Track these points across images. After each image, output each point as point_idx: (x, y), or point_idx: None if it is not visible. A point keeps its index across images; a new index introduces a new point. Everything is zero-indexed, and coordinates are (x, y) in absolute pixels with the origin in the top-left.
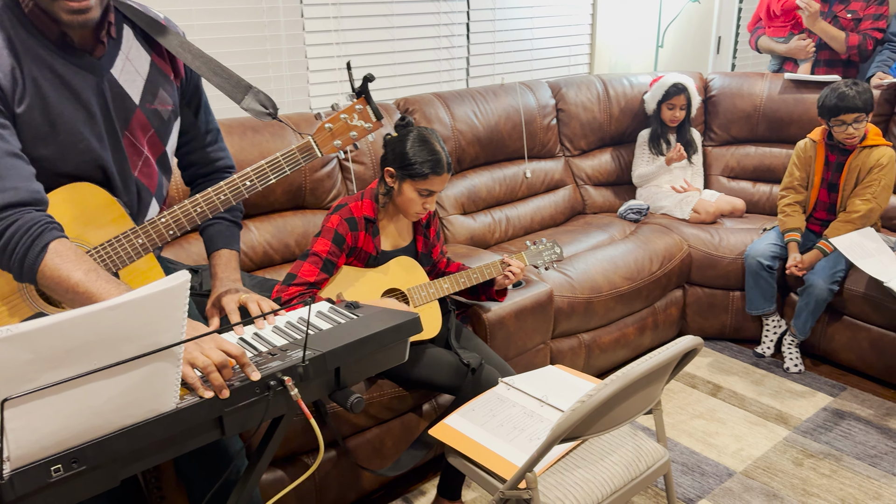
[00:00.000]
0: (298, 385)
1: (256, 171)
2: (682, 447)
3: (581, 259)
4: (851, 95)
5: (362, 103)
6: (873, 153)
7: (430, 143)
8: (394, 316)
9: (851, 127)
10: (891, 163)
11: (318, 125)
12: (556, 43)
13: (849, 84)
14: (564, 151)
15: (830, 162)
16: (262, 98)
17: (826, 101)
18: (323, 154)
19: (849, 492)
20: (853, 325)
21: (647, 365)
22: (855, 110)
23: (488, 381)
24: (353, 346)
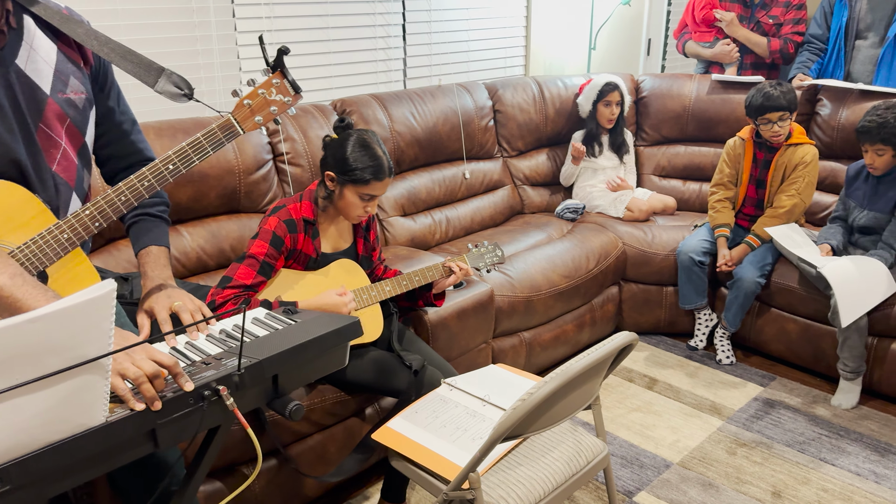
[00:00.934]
0: (234, 394)
1: (179, 154)
2: (622, 440)
3: (520, 258)
4: (776, 95)
5: (279, 77)
6: (798, 151)
7: (372, 147)
8: (333, 320)
9: (777, 125)
10: (814, 160)
11: (237, 102)
12: (492, 45)
13: (773, 84)
14: (502, 152)
15: (758, 159)
16: (176, 80)
17: (753, 100)
18: (245, 131)
19: (779, 478)
20: (781, 317)
21: (585, 362)
22: (780, 109)
23: (431, 382)
24: (291, 352)
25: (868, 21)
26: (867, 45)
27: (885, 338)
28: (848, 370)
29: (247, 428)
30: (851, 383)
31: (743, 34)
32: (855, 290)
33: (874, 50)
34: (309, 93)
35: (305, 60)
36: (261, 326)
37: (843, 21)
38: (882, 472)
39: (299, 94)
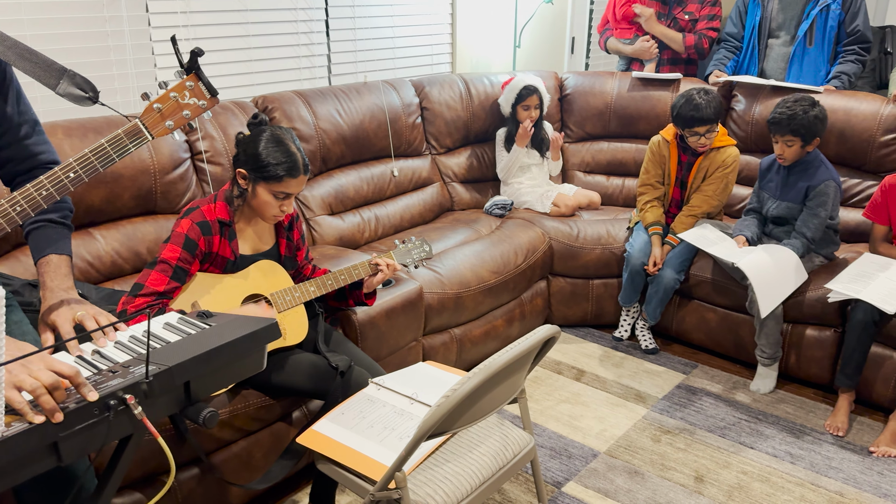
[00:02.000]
0: (143, 403)
1: (80, 161)
2: (550, 432)
3: (449, 255)
4: (703, 106)
5: (193, 80)
6: (720, 154)
7: (285, 143)
8: (249, 323)
9: (704, 137)
10: (735, 162)
11: (146, 106)
12: (418, 42)
13: (700, 94)
14: (431, 149)
15: (682, 161)
16: (79, 81)
17: (681, 111)
18: (154, 136)
19: (702, 463)
20: (701, 307)
21: (508, 356)
22: (708, 122)
23: (358, 383)
24: (203, 357)
25: (780, 20)
26: (779, 44)
27: (798, 324)
28: (765, 356)
29: (157, 438)
30: (769, 369)
31: (660, 30)
32: (770, 281)
33: (786, 48)
34: (229, 89)
35: (224, 56)
36: (173, 331)
37: (757, 20)
38: (797, 453)
39: (216, 98)
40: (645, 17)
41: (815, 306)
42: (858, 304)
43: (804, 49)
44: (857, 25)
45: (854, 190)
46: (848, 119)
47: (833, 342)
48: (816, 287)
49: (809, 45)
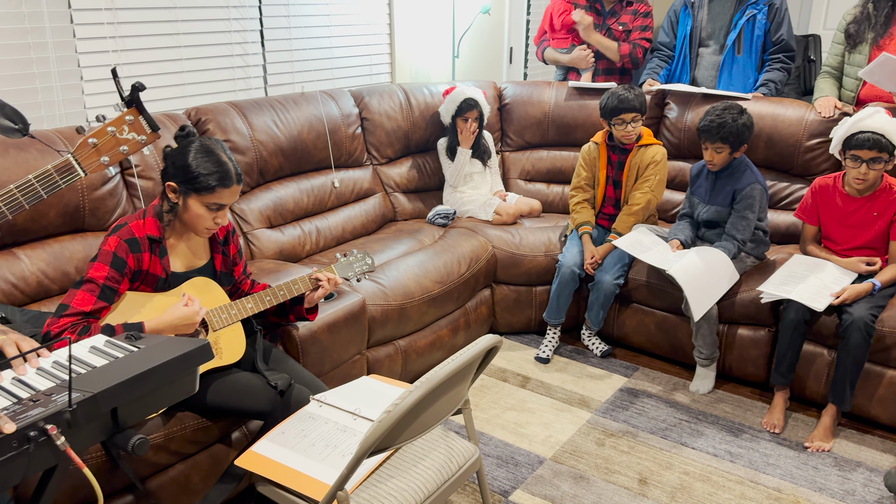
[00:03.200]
0: (67, 432)
1: (4, 198)
2: (497, 440)
3: (392, 266)
4: (629, 98)
5: (133, 114)
6: (648, 151)
7: (216, 153)
8: (179, 345)
9: (630, 125)
10: (663, 159)
11: (81, 140)
12: (356, 52)
13: (626, 88)
14: (372, 160)
15: (612, 161)
16: (8, 112)
17: (608, 103)
18: (87, 173)
19: (645, 465)
20: (640, 311)
21: (450, 368)
22: (633, 110)
23: (299, 400)
24: (130, 382)
25: (709, 30)
26: (709, 52)
27: (733, 325)
28: (703, 357)
29: (82, 468)
30: (707, 369)
31: (596, 38)
32: (702, 285)
33: (716, 56)
34: (160, 101)
35: (155, 67)
36: (99, 355)
37: (688, 30)
38: (736, 451)
39: (157, 133)
40: (584, 26)
41: (749, 307)
42: (790, 304)
43: (733, 57)
44: (782, 35)
45: (783, 193)
46: (775, 125)
47: (767, 341)
48: (749, 288)
49: (738, 54)
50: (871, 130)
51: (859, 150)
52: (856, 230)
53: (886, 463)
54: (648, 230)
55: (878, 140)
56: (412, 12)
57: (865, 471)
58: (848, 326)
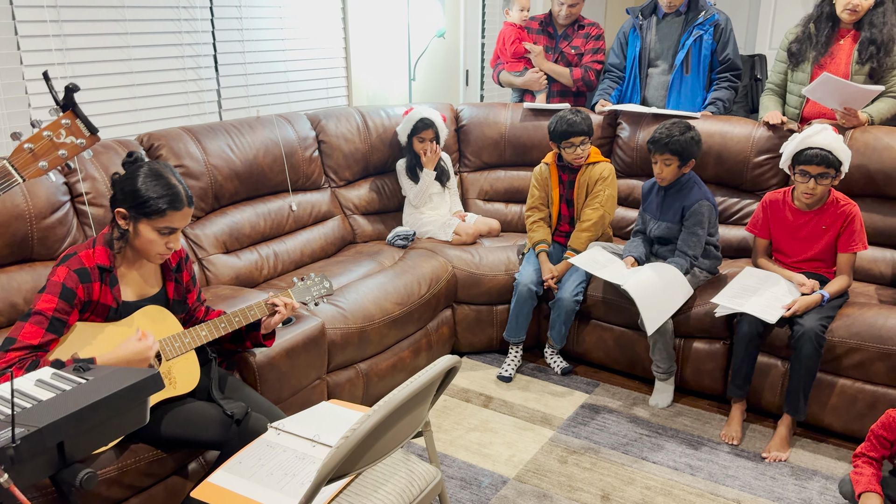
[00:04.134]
0: (11, 469)
1: None
2: (460, 462)
3: (352, 289)
4: (577, 121)
5: (70, 117)
6: (595, 168)
7: (165, 176)
8: (128, 375)
9: (579, 148)
10: (611, 175)
11: (17, 146)
12: (312, 75)
13: (573, 112)
14: (330, 182)
15: (564, 181)
16: None
17: (556, 127)
18: (26, 179)
19: (608, 481)
20: (599, 327)
21: (409, 390)
22: (581, 133)
23: (256, 429)
24: (77, 416)
25: (658, 51)
26: (658, 72)
27: (689, 338)
28: (661, 371)
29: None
30: (665, 383)
31: (548, 66)
32: (656, 300)
33: (665, 76)
34: (112, 127)
35: (106, 94)
36: (45, 388)
37: (637, 51)
38: (696, 464)
39: (96, 136)
40: (534, 54)
41: (704, 320)
42: (743, 317)
43: (681, 77)
44: (728, 54)
45: (734, 208)
46: (724, 142)
47: (723, 354)
48: (703, 302)
49: (686, 74)
50: (819, 147)
51: (808, 166)
52: (805, 243)
53: (841, 470)
54: (603, 248)
55: (825, 156)
56: (368, 35)
57: (821, 479)
58: (799, 338)
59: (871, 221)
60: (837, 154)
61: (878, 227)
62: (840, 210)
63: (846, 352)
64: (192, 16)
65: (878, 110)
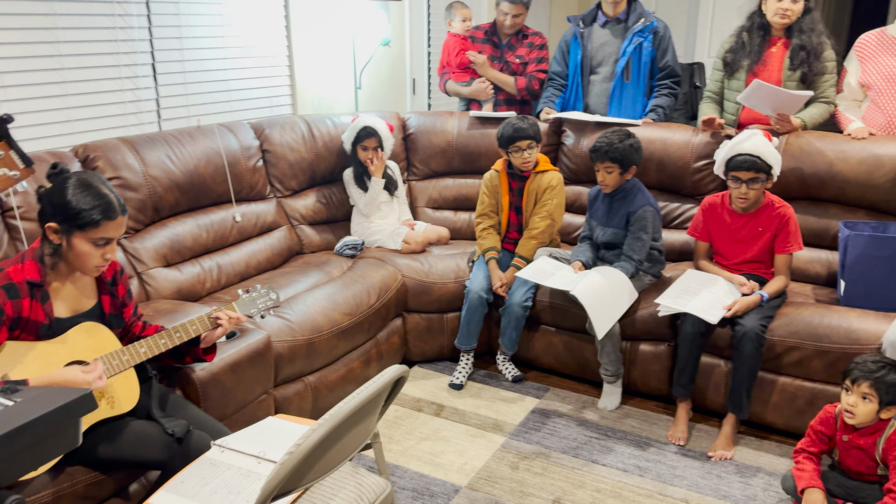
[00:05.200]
0: None
1: None
2: (412, 472)
3: (299, 300)
4: (524, 127)
5: (3, 148)
6: (545, 177)
7: (95, 186)
8: (58, 396)
9: (526, 153)
10: (560, 184)
11: None
12: (255, 84)
13: (520, 118)
14: (275, 192)
15: (513, 188)
16: None
17: (504, 132)
18: None
19: (559, 485)
20: (548, 332)
21: (355, 402)
22: (527, 138)
23: (199, 447)
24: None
25: (599, 58)
26: (600, 80)
27: (635, 341)
28: (609, 374)
29: None
30: (613, 386)
31: (493, 75)
32: (604, 305)
33: (606, 84)
34: (44, 139)
35: (38, 104)
36: None
37: (579, 59)
38: (644, 465)
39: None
40: (479, 64)
41: (649, 322)
42: (686, 318)
43: (622, 84)
44: (668, 61)
45: (676, 213)
46: (665, 148)
47: (668, 355)
48: (648, 305)
49: (627, 81)
50: (747, 153)
51: (738, 172)
52: (743, 245)
53: (783, 466)
54: (551, 255)
55: (754, 162)
56: (312, 43)
57: (765, 475)
58: (741, 338)
59: (805, 223)
60: (766, 159)
61: (813, 229)
62: (776, 212)
63: (785, 350)
64: (129, 23)
65: (810, 115)
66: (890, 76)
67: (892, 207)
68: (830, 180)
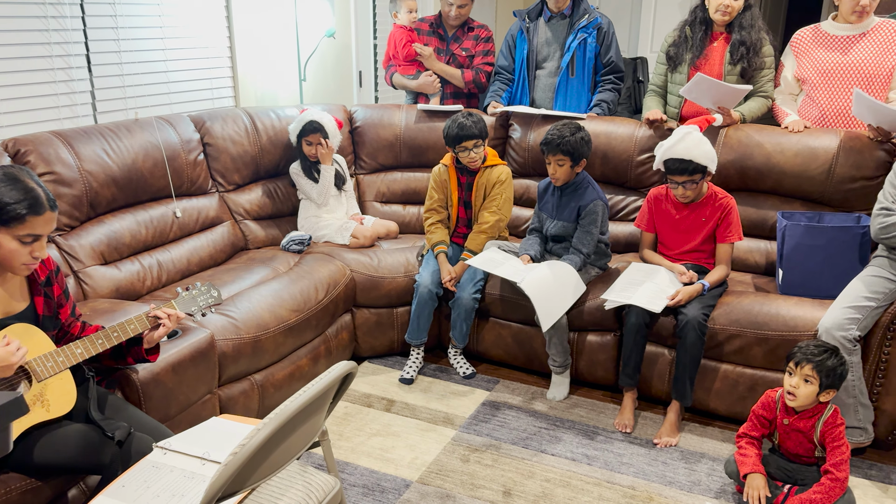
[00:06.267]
0: None
1: None
2: (363, 469)
3: (244, 297)
4: (469, 125)
5: None
6: (494, 171)
7: (21, 180)
8: None
9: (473, 151)
10: (508, 179)
11: None
12: (196, 75)
13: (465, 116)
14: (218, 187)
15: (462, 183)
16: None
17: (449, 132)
18: None
19: (509, 476)
20: (498, 324)
21: (301, 400)
22: (473, 137)
23: (140, 450)
24: None
25: (545, 53)
26: (545, 75)
27: (582, 331)
28: (557, 365)
29: None
30: (561, 376)
31: (439, 67)
32: (550, 297)
33: (552, 78)
34: None
35: None
36: None
37: (525, 53)
38: (592, 454)
39: None
40: (425, 56)
41: (595, 314)
42: (631, 309)
43: (567, 79)
44: (611, 57)
45: (620, 205)
46: (609, 142)
47: (614, 345)
48: (594, 296)
49: (572, 76)
50: (679, 157)
51: (672, 176)
52: (687, 235)
53: (726, 451)
54: (500, 247)
55: (685, 167)
56: (254, 33)
57: (709, 461)
58: (683, 326)
59: (745, 214)
60: (698, 161)
61: (753, 220)
62: (718, 203)
63: (727, 338)
64: (61, 12)
65: (749, 109)
66: (823, 70)
67: (826, 198)
68: (768, 172)
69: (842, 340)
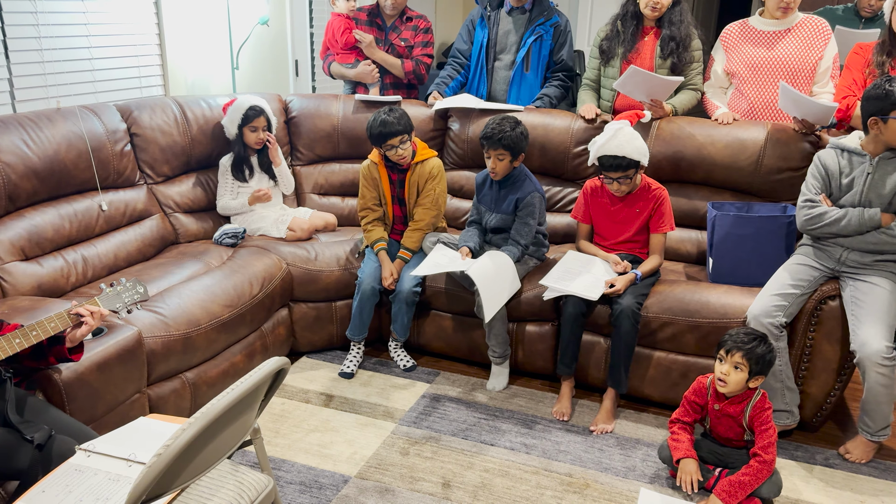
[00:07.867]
0: None
1: None
2: (300, 466)
3: (174, 292)
4: (392, 122)
5: None
6: (425, 167)
7: None
8: None
9: (400, 148)
10: (440, 172)
11: None
12: (122, 63)
13: (387, 111)
14: (146, 179)
15: (393, 180)
16: None
17: (372, 130)
18: None
19: (448, 468)
20: (438, 317)
21: (230, 398)
22: (398, 134)
23: (62, 453)
24: None
25: (503, 45)
26: (502, 66)
27: (521, 322)
28: (496, 355)
29: None
30: (501, 367)
31: (380, 56)
32: (494, 286)
33: (507, 71)
34: None
35: None
36: None
37: (484, 41)
38: (531, 443)
39: None
40: (365, 44)
41: (534, 304)
42: (568, 299)
43: (522, 73)
44: (563, 56)
45: (557, 197)
46: (546, 134)
47: (552, 335)
48: (532, 287)
49: (526, 71)
50: (612, 154)
51: (607, 172)
52: (621, 226)
53: (660, 437)
54: (441, 240)
55: (619, 163)
56: (184, 20)
57: (643, 447)
58: (618, 315)
59: (677, 205)
60: (631, 156)
61: (684, 210)
62: (651, 194)
63: (660, 326)
64: None
65: (680, 101)
66: (752, 65)
67: (754, 188)
68: (700, 163)
69: (769, 327)
